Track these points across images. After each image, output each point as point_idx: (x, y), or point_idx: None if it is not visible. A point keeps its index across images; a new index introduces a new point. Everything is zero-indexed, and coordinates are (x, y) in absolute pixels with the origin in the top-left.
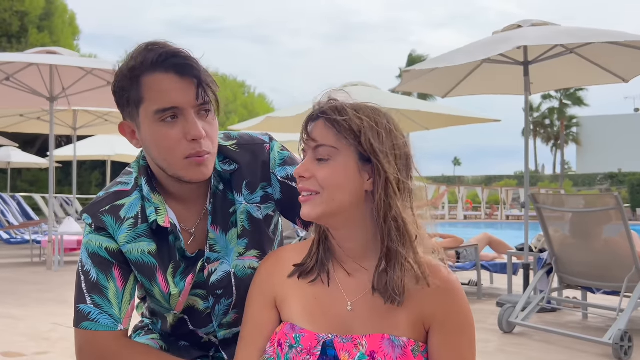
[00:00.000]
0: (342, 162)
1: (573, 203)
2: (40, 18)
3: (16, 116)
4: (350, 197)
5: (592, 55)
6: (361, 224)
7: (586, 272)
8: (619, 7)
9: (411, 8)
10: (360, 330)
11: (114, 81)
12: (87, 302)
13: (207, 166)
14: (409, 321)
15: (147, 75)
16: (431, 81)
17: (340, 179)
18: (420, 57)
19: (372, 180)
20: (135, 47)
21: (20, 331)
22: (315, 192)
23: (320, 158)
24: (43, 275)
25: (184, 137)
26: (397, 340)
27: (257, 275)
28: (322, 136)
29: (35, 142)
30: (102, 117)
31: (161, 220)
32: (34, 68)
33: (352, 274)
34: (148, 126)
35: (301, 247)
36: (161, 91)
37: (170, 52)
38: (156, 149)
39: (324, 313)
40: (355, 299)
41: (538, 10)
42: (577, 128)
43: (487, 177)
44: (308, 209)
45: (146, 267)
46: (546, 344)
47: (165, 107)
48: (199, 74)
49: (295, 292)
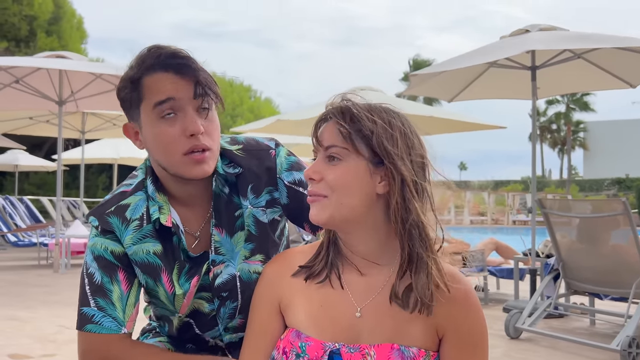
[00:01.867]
0: (353, 164)
1: (580, 208)
2: (49, 22)
3: (25, 119)
4: (360, 201)
5: (599, 61)
6: (373, 227)
7: (593, 277)
8: (626, 12)
9: (417, 12)
10: (368, 339)
11: (118, 85)
12: (91, 305)
13: (208, 163)
14: (422, 328)
15: (147, 76)
16: (438, 85)
17: (349, 181)
18: (424, 61)
19: (386, 183)
20: (140, 50)
21: (27, 333)
22: (323, 195)
23: (332, 156)
24: (50, 277)
25: (182, 133)
26: (407, 351)
27: (262, 278)
28: (332, 138)
29: (42, 145)
30: (110, 121)
31: (163, 219)
32: (43, 72)
33: (362, 278)
34: (149, 124)
35: (309, 249)
36: (160, 88)
37: (169, 53)
38: (157, 146)
39: (331, 320)
40: (365, 304)
41: (545, 15)
42: (584, 133)
43: (493, 181)
44: (315, 211)
45: (151, 267)
46: (553, 350)
47: (162, 98)
48: (197, 72)
49: (301, 297)
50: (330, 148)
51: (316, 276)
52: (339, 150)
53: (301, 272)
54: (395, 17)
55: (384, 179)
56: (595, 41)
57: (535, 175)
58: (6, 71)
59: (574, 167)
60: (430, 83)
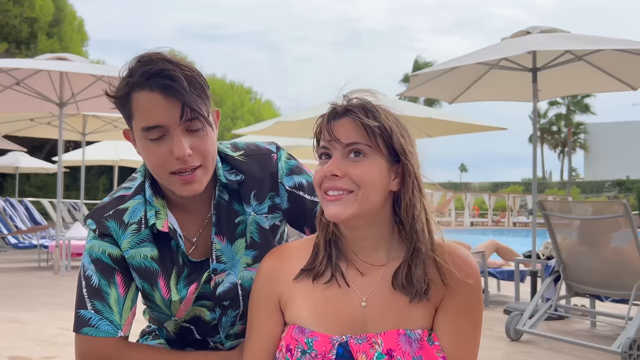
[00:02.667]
0: (376, 161)
1: (581, 210)
2: (50, 24)
3: (26, 120)
4: (381, 197)
5: (600, 63)
6: (382, 223)
7: (594, 279)
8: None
9: (416, 14)
10: (374, 328)
11: (114, 92)
12: (88, 307)
13: (199, 182)
14: (424, 310)
15: (135, 91)
16: (439, 87)
17: (375, 177)
18: (427, 63)
19: (399, 180)
20: (135, 57)
21: (27, 336)
22: (348, 190)
23: (356, 151)
24: (50, 279)
25: (169, 154)
26: (413, 334)
27: (259, 275)
28: (354, 134)
29: (43, 147)
30: (111, 123)
31: (160, 225)
32: (44, 74)
33: (364, 272)
34: (139, 141)
35: (305, 243)
36: (146, 109)
37: (154, 71)
38: (147, 163)
39: (335, 313)
40: (368, 294)
41: (545, 17)
42: (585, 135)
43: (494, 183)
44: (339, 208)
45: (148, 272)
46: (554, 352)
47: (150, 125)
48: (184, 93)
49: (302, 293)
50: (353, 145)
51: (321, 276)
52: (363, 147)
53: (304, 274)
54: (395, 20)
55: (397, 176)
56: (596, 43)
57: (535, 177)
58: (7, 73)
59: (575, 169)
60: (431, 84)
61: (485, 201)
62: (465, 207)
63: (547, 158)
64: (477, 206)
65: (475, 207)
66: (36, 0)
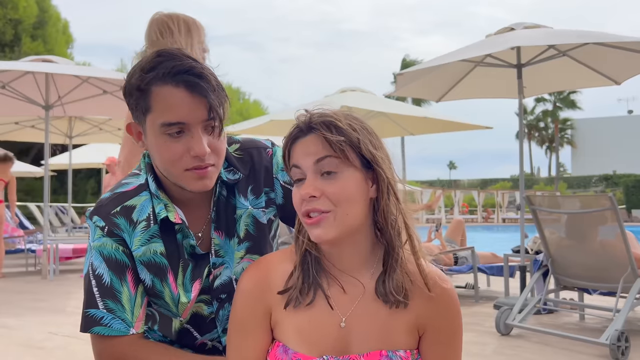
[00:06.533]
0: (350, 173)
1: (568, 205)
2: (34, 26)
3: (11, 124)
4: (362, 208)
5: (584, 58)
6: (364, 235)
7: (582, 273)
8: (607, 10)
9: (399, 15)
10: (357, 348)
11: (125, 82)
12: (100, 306)
13: (210, 178)
14: (405, 329)
15: (157, 85)
16: (425, 86)
17: (351, 191)
18: (414, 62)
19: (375, 186)
20: (146, 52)
21: (15, 341)
22: (326, 211)
23: (328, 171)
24: (38, 284)
25: (187, 152)
26: (395, 356)
27: (242, 293)
28: (321, 150)
29: (29, 151)
30: (98, 126)
31: (172, 217)
32: (30, 76)
33: (346, 288)
34: (153, 135)
35: (285, 256)
36: (170, 105)
37: (183, 67)
38: (159, 157)
39: (317, 334)
40: (348, 313)
41: (527, 15)
42: (572, 130)
43: (482, 180)
44: (320, 231)
45: (158, 267)
46: (543, 346)
47: (172, 121)
48: (211, 93)
49: (288, 312)
50: (323, 159)
51: (302, 300)
52: (331, 162)
53: (287, 301)
54: (378, 21)
55: (374, 182)
56: (580, 37)
57: (523, 173)
58: None
59: (562, 165)
60: (417, 83)
61: (475, 198)
62: (454, 204)
63: (534, 154)
64: (466, 203)
65: (464, 204)
66: (19, 2)
